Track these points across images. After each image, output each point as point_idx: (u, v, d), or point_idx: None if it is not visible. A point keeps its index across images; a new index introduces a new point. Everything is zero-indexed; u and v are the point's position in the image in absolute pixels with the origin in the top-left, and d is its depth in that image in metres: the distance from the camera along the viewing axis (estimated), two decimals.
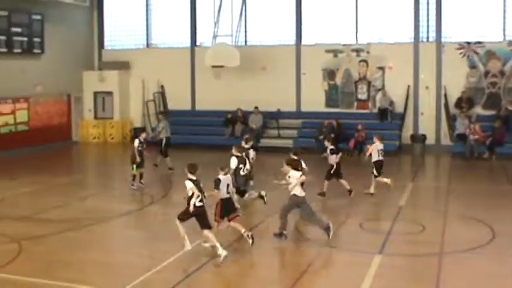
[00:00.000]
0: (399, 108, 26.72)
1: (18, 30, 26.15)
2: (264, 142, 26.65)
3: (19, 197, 17.62)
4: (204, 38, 29.46)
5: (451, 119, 25.70)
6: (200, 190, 11.57)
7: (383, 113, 26.47)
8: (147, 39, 30.89)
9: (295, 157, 14.14)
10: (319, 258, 12.00)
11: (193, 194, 11.42)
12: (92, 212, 15.63)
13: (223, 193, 12.16)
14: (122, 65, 30.44)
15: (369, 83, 27.31)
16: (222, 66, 26.37)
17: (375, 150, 17.03)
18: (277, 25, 28.52)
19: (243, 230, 12.30)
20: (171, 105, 30.06)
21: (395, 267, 11.50)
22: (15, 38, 26.02)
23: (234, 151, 15.26)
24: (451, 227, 14.11)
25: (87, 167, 25.20)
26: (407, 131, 26.52)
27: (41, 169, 22.27)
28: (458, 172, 22.14)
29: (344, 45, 27.45)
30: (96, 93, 30.53)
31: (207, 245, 12.02)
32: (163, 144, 22.01)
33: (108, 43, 31.79)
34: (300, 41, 28.07)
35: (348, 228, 14.17)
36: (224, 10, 27.55)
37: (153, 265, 11.25)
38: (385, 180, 17.16)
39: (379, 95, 27.06)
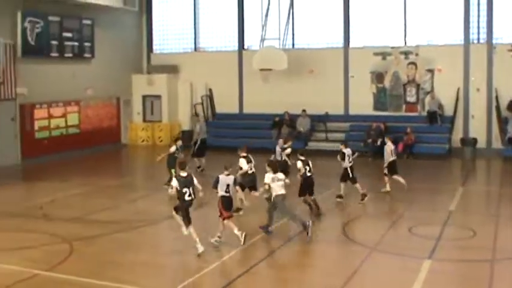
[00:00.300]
0: (449, 111, 26.32)
1: (70, 35, 26.65)
2: (312, 145, 26.58)
3: (70, 198, 17.99)
4: (251, 41, 29.57)
5: (503, 122, 25.20)
6: (191, 185, 12.22)
7: (432, 116, 26.12)
8: (195, 43, 31.13)
9: (302, 157, 15.35)
10: (368, 262, 11.90)
11: (179, 190, 12.10)
12: (141, 214, 15.84)
13: (221, 192, 12.79)
14: (171, 69, 30.78)
15: (418, 86, 26.98)
16: (269, 70, 26.44)
17: (388, 150, 17.76)
18: (325, 28, 28.41)
19: (235, 229, 12.68)
20: (219, 109, 30.27)
21: (446, 272, 11.35)
22: (67, 43, 26.52)
23: (240, 152, 16.39)
24: (503, 233, 13.85)
25: (136, 170, 25.55)
26: (457, 134, 26.10)
27: (91, 171, 22.70)
28: (510, 176, 21.70)
29: (392, 47, 27.19)
30: (144, 97, 30.96)
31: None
32: (196, 146, 22.47)
33: (156, 47, 32.18)
34: (348, 44, 27.93)
35: (397, 233, 14.06)
36: (272, 13, 27.60)
37: (202, 267, 11.35)
38: (401, 180, 17.68)
39: (428, 98, 26.72)
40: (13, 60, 23.46)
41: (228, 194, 12.86)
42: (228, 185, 12.86)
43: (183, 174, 12.32)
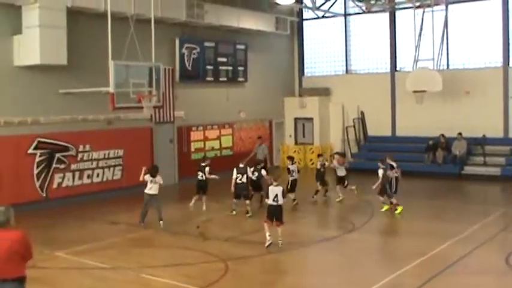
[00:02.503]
0: None
1: (224, 60, 27.74)
2: (468, 169, 25.82)
3: (224, 218, 18.67)
4: (404, 62, 29.27)
5: None
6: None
7: None
8: (347, 65, 31.30)
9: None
10: None
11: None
12: (291, 236, 16.05)
13: (270, 200, 14.68)
14: (322, 91, 31.11)
15: None
16: (423, 91, 26.02)
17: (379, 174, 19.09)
18: (482, 47, 27.56)
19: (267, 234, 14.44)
20: (371, 131, 30.15)
21: None
22: (221, 68, 27.61)
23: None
24: None
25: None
26: None
27: None
28: None
29: None
30: (296, 119, 31.52)
31: None
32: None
33: (308, 70, 32.69)
34: (508, 63, 26.86)
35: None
36: (425, 34, 27.19)
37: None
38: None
39: None
40: (172, 84, 24.80)
41: (275, 203, 14.63)
42: (276, 195, 14.60)
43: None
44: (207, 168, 19.78)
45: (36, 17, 19.30)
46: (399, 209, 18.66)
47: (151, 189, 17.30)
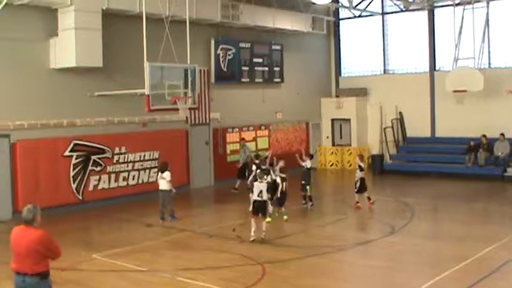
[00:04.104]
0: None
1: (260, 60, 27.79)
2: (511, 171, 25.41)
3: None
4: (443, 62, 28.92)
5: None
6: None
7: None
8: (384, 65, 31.10)
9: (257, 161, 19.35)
10: None
11: None
12: (330, 240, 16.02)
13: (254, 196, 15.81)
14: (359, 92, 30.97)
15: None
16: (464, 91, 25.72)
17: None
18: None
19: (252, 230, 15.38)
20: (410, 132, 29.87)
21: None
22: (257, 68, 27.68)
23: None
24: None
25: (325, 194, 25.79)
26: None
27: None
28: None
29: None
30: (333, 120, 31.43)
31: None
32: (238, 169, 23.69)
33: (345, 70, 32.56)
34: None
35: None
36: (465, 32, 26.86)
37: None
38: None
39: None
40: (207, 86, 24.94)
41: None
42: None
43: None
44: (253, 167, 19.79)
45: (71, 19, 19.57)
46: None
47: (160, 185, 18.41)
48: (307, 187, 20.14)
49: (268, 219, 17.14)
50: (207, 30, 25.30)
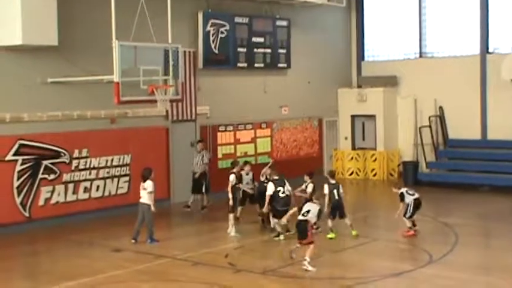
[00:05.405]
0: None
1: (260, 40, 27.64)
2: None
3: (261, 244, 18.72)
4: (499, 42, 28.75)
5: None
6: None
7: None
8: (420, 47, 30.95)
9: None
10: None
11: None
12: (350, 270, 15.86)
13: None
14: (388, 81, 30.86)
15: None
16: None
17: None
18: None
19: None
20: (453, 134, 29.66)
21: None
22: (257, 50, 27.54)
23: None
24: None
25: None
26: None
27: None
28: None
29: None
30: (354, 117, 31.32)
31: None
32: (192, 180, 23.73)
33: (369, 53, 32.48)
34: None
35: None
36: None
37: None
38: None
39: None
40: (193, 72, 24.75)
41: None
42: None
43: None
44: (230, 177, 20.00)
45: None
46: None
47: (141, 197, 18.48)
48: None
49: (331, 235, 18.54)
50: (193, 1, 25.16)
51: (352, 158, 30.98)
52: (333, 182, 19.35)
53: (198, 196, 23.52)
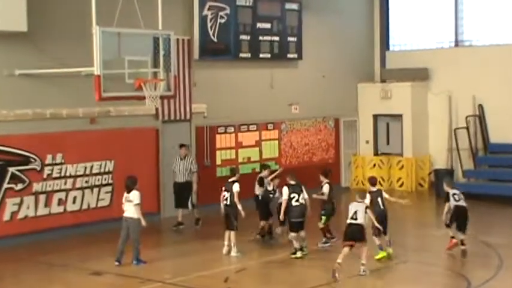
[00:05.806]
0: None
1: (267, 26, 27.67)
2: None
3: (266, 267, 18.63)
4: None
5: None
6: None
7: None
8: (456, 34, 30.97)
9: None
10: None
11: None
12: None
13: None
14: (417, 74, 30.86)
15: None
16: None
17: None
18: None
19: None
20: (495, 137, 29.59)
21: None
22: (263, 38, 27.55)
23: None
24: None
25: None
26: None
27: None
28: None
29: None
30: (376, 117, 31.29)
31: None
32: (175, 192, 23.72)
33: (395, 41, 32.52)
34: None
35: None
36: None
37: None
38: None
39: None
40: (188, 63, 24.70)
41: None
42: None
43: None
44: (235, 187, 19.73)
45: None
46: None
47: (126, 210, 18.63)
48: (323, 218, 20.49)
49: (382, 254, 18.56)
50: None
51: (374, 165, 30.99)
52: (373, 189, 19.46)
53: (185, 211, 23.38)
